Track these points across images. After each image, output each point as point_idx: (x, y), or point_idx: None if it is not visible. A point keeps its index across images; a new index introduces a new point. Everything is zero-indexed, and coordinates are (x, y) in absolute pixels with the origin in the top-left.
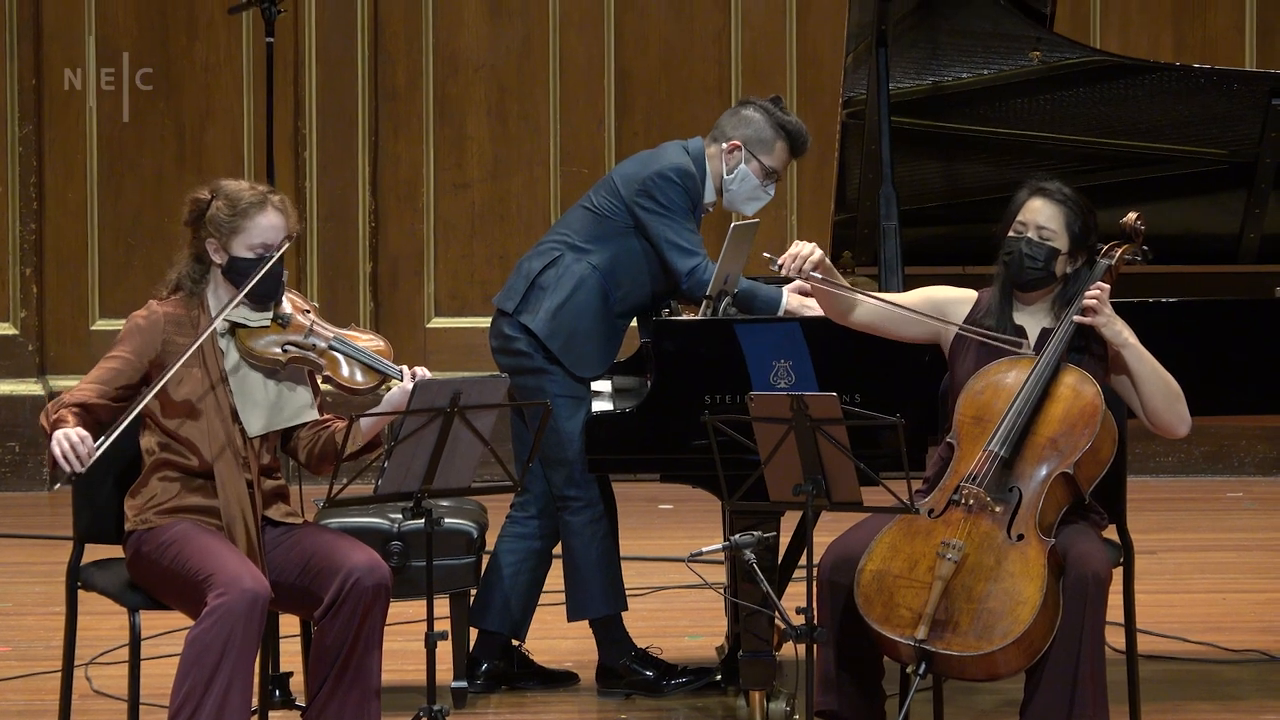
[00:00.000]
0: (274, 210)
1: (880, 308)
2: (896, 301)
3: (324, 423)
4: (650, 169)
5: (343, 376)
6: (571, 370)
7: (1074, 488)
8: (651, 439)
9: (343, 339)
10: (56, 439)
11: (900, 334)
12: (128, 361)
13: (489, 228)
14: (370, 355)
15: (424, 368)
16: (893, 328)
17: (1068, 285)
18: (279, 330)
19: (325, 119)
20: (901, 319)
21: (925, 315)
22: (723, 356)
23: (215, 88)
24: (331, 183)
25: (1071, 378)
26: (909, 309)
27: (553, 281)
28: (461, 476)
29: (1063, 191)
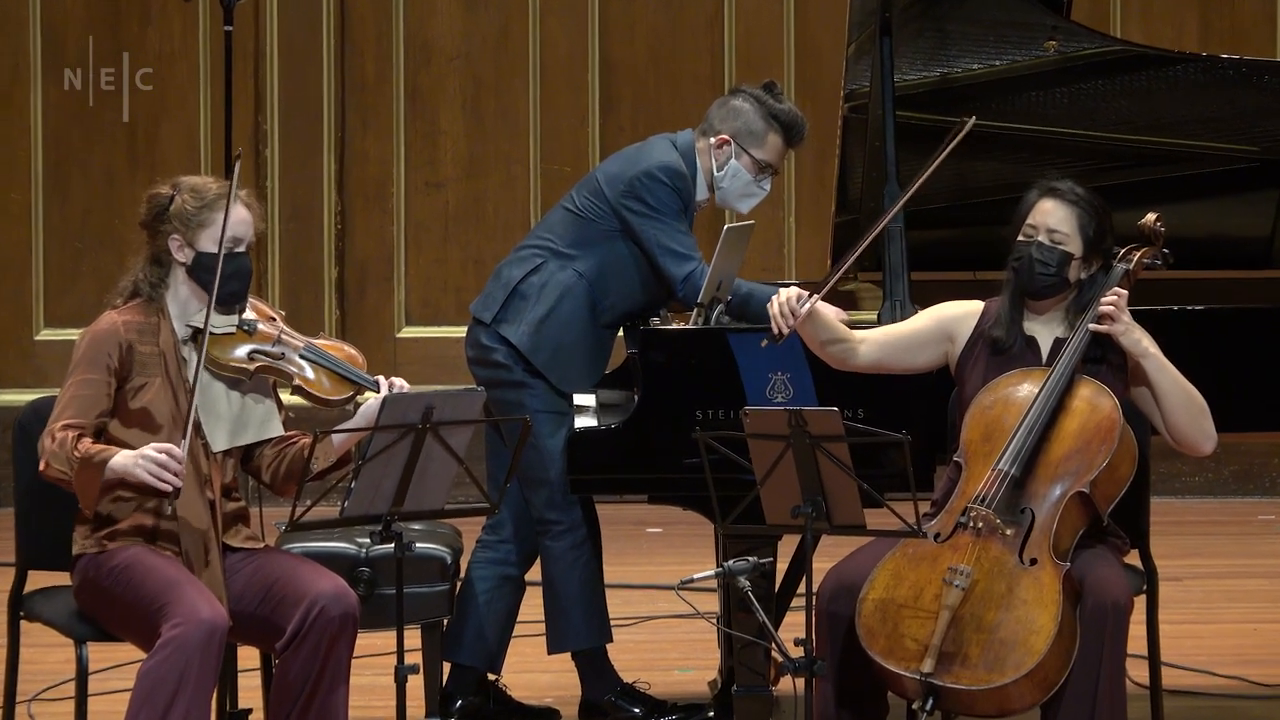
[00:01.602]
0: (241, 204)
1: (884, 341)
2: (897, 330)
3: (289, 439)
4: (637, 168)
5: (316, 387)
6: (557, 386)
7: (1091, 509)
8: (638, 457)
9: (314, 347)
10: (143, 468)
11: (911, 365)
12: (98, 385)
13: (464, 230)
14: (344, 364)
15: (401, 378)
16: (901, 360)
17: (1082, 292)
18: (246, 338)
19: (288, 113)
20: (908, 347)
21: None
22: (715, 369)
23: (170, 80)
24: (294, 182)
25: (1087, 390)
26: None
27: (535, 290)
28: (434, 498)
29: (1075, 192)
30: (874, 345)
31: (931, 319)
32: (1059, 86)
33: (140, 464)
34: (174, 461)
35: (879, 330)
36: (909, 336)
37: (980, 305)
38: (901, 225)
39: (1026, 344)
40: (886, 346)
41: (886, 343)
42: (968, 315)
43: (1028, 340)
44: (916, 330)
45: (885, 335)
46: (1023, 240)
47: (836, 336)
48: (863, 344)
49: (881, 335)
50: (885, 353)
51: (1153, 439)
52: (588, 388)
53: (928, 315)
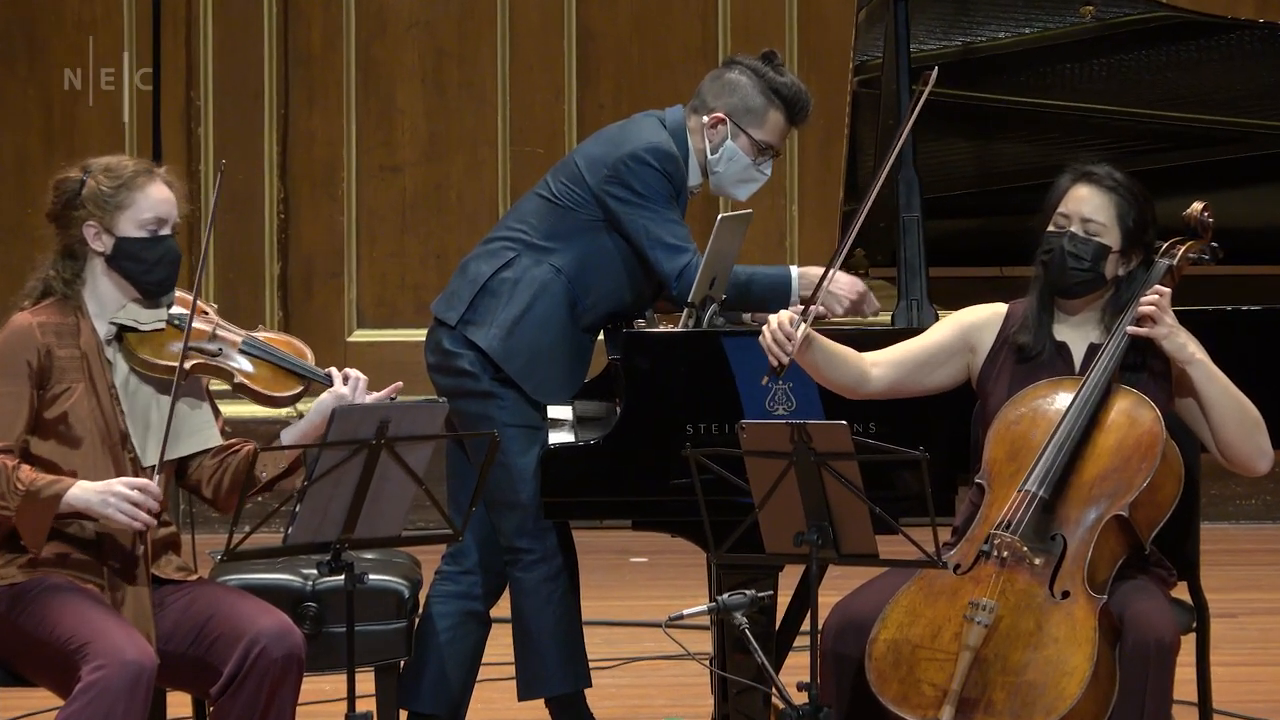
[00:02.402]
0: (163, 182)
1: (899, 361)
2: (912, 347)
3: (230, 447)
4: (621, 149)
5: (260, 383)
6: (532, 396)
7: (1131, 535)
8: (621, 477)
9: (255, 341)
10: (115, 507)
11: (932, 384)
12: (18, 398)
13: (424, 220)
14: (290, 358)
15: (357, 371)
16: (920, 379)
17: (1120, 290)
18: (176, 334)
19: (223, 88)
20: (927, 364)
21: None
22: (708, 377)
23: (91, 52)
24: (231, 165)
25: (1125, 402)
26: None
27: (507, 288)
28: (390, 523)
29: (1113, 177)
30: (888, 367)
31: (950, 329)
32: (1096, 58)
33: (111, 502)
34: (149, 499)
35: (891, 350)
36: (927, 352)
37: (1004, 309)
38: (918, 215)
39: (1056, 350)
40: (902, 367)
41: (902, 362)
42: (990, 321)
43: (1058, 346)
44: (934, 344)
45: (899, 354)
46: (1053, 231)
47: (842, 361)
48: (874, 367)
49: (895, 355)
50: (901, 374)
51: (1203, 457)
52: (565, 399)
53: (946, 325)
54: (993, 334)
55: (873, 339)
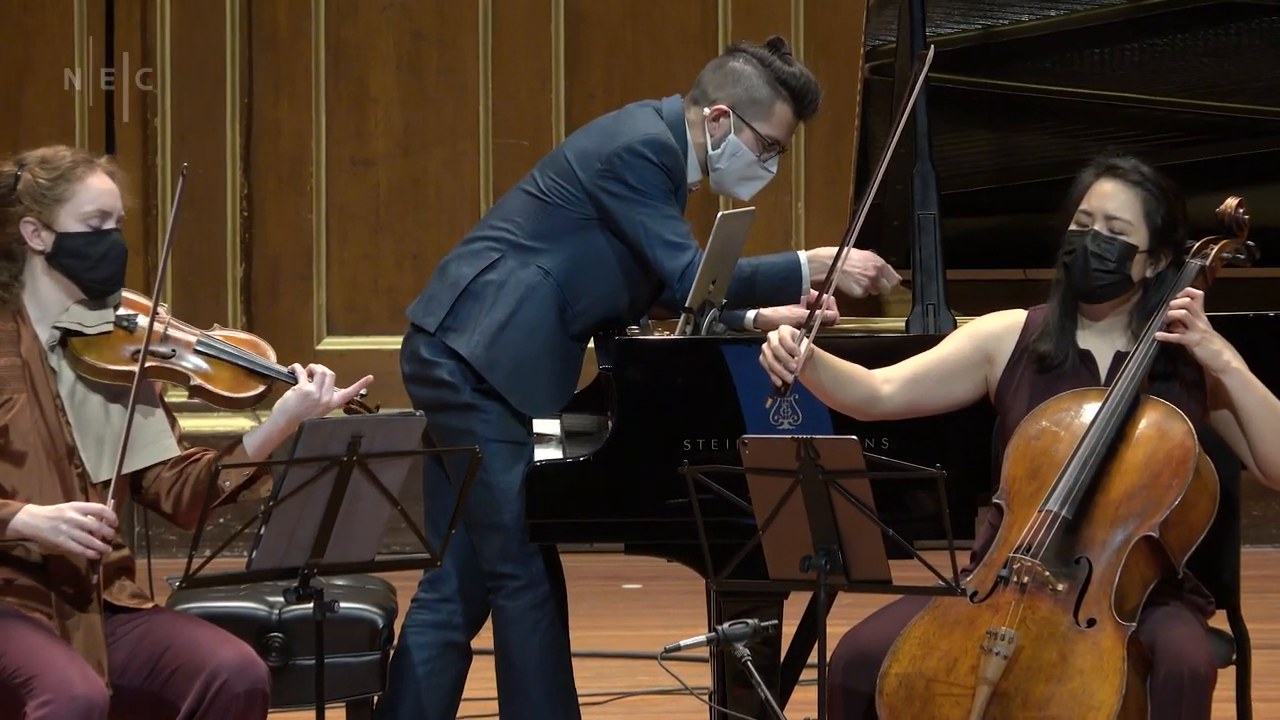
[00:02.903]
0: (104, 172)
1: (912, 377)
2: (926, 361)
3: (190, 456)
4: (616, 142)
5: (219, 384)
6: (517, 409)
7: (1162, 557)
8: (613, 497)
9: (211, 340)
10: (67, 534)
11: (949, 400)
12: None
13: (400, 218)
14: (250, 356)
15: (324, 367)
16: (937, 396)
17: (1148, 294)
18: (126, 336)
19: (183, 75)
20: (943, 379)
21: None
22: (707, 388)
23: (36, 34)
24: (191, 158)
25: (1154, 414)
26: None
27: (490, 292)
28: (362, 547)
29: (1140, 171)
30: (901, 385)
31: (965, 340)
32: (1128, 42)
33: (63, 529)
34: (105, 525)
35: (903, 366)
36: (942, 366)
37: (1022, 316)
38: (935, 213)
39: (1080, 359)
40: (916, 383)
41: (915, 378)
42: (1008, 329)
43: (1081, 354)
44: (949, 357)
45: (912, 370)
46: (1075, 230)
47: (850, 379)
48: (885, 384)
49: (908, 371)
50: (915, 391)
51: (1243, 475)
52: (552, 412)
53: (961, 336)
54: (1011, 343)
55: (887, 347)
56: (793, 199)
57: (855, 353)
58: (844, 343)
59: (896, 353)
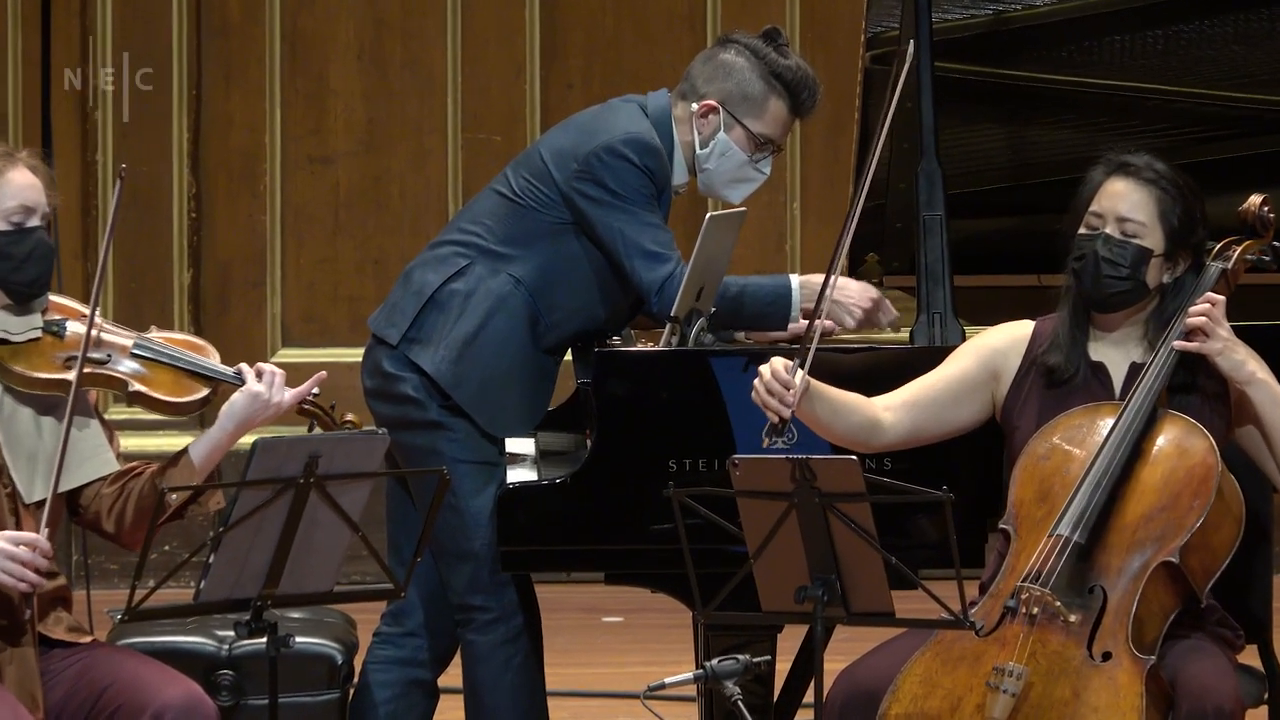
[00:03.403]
0: (25, 167)
1: (915, 401)
2: (929, 383)
3: (131, 471)
4: (595, 141)
5: (160, 389)
6: (484, 428)
7: (1183, 585)
8: (592, 522)
9: (148, 342)
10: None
11: (956, 424)
12: None
13: (361, 220)
14: (191, 357)
15: (273, 366)
16: (943, 420)
17: (1165, 300)
18: (56, 343)
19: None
20: (950, 401)
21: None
22: (694, 403)
23: None
24: (134, 156)
25: (1173, 430)
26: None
27: (458, 301)
28: (320, 576)
29: (1154, 168)
30: (903, 411)
31: (969, 356)
32: (1151, 29)
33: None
34: (38, 556)
35: (905, 391)
36: (946, 387)
37: (1029, 327)
38: (942, 214)
39: (1092, 372)
40: (919, 408)
41: (918, 403)
42: (1014, 343)
43: (1094, 367)
44: (954, 376)
45: (915, 394)
46: (1085, 234)
47: (848, 410)
48: (887, 412)
49: (910, 395)
50: (920, 417)
51: (1275, 497)
52: (525, 430)
53: (965, 353)
54: (1018, 357)
55: (888, 361)
56: (787, 200)
57: (854, 368)
58: (841, 357)
59: (899, 368)
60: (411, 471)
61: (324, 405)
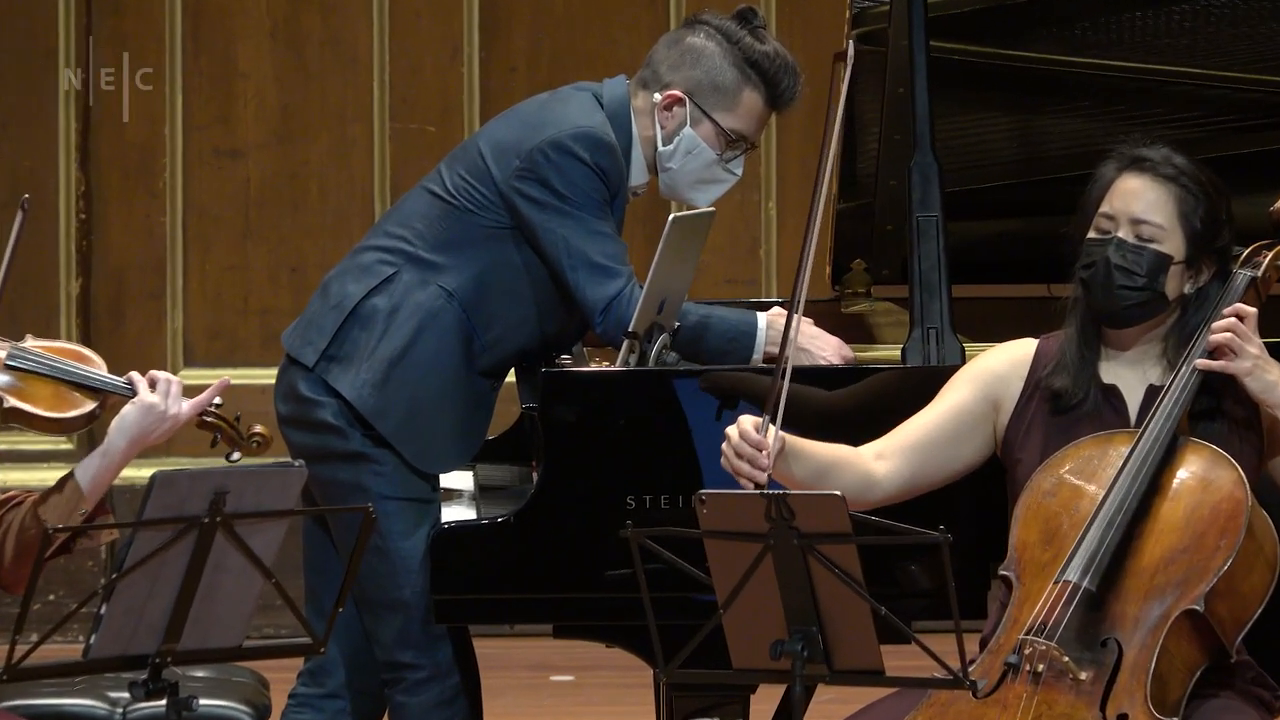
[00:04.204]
0: None
1: (911, 445)
2: (923, 423)
3: (9, 501)
4: (540, 134)
5: (38, 403)
6: (412, 462)
7: (1209, 637)
8: (538, 567)
9: (23, 352)
10: None
11: (958, 465)
12: None
13: (274, 222)
14: (74, 367)
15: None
16: (943, 462)
17: (1187, 313)
18: None
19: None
20: (950, 440)
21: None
22: (655, 431)
23: None
24: (14, 148)
25: (1196, 460)
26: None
27: (382, 316)
28: (227, 630)
29: (1173, 163)
30: (899, 458)
31: (967, 386)
32: (1178, 3)
33: None
34: None
35: (898, 434)
36: (945, 422)
37: (1031, 346)
38: (938, 215)
39: (1104, 396)
40: (917, 452)
41: (915, 446)
42: (1014, 365)
43: (1105, 390)
44: (952, 410)
45: (910, 437)
46: (1095, 239)
47: (835, 466)
48: (879, 461)
49: (904, 439)
50: (918, 462)
51: None
52: (460, 462)
53: (961, 382)
54: (1019, 382)
55: (876, 387)
56: (762, 198)
57: (836, 397)
58: (822, 380)
59: (889, 393)
60: (332, 509)
61: (228, 417)
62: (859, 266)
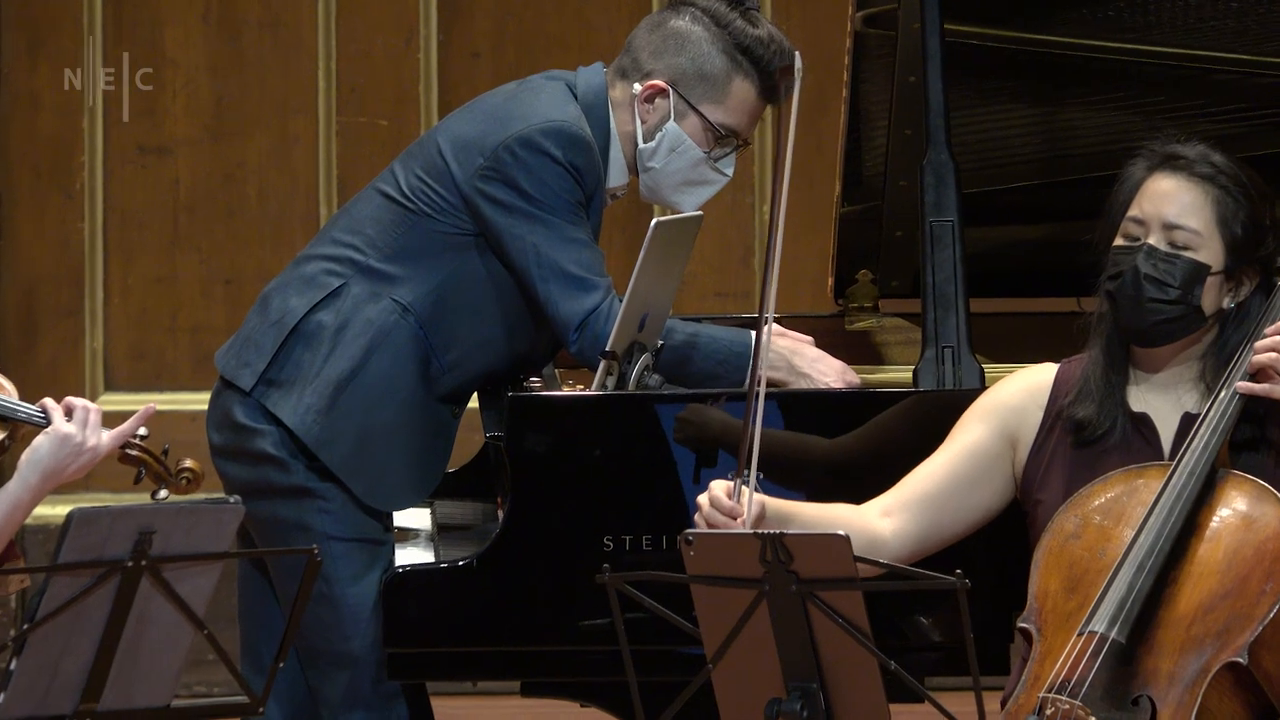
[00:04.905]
0: None
1: (921, 497)
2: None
3: None
4: (506, 130)
5: None
6: (362, 498)
7: (1254, 693)
8: (504, 617)
9: None
10: None
11: (977, 513)
12: None
13: (207, 228)
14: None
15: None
16: (960, 511)
17: (1226, 331)
18: None
19: None
20: (966, 485)
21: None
22: (636, 463)
23: None
24: None
25: (1238, 495)
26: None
27: (328, 334)
28: (154, 687)
29: (1210, 161)
30: (908, 513)
31: (980, 423)
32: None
33: None
34: None
35: (905, 486)
36: (958, 467)
37: (1050, 373)
38: (954, 220)
39: (1133, 426)
40: (930, 504)
41: (926, 497)
42: (1031, 395)
43: (1135, 419)
44: (965, 451)
45: (920, 488)
46: (1123, 246)
47: (831, 529)
48: (886, 519)
49: (913, 491)
50: (932, 515)
51: None
52: (416, 499)
53: (973, 419)
54: (1039, 411)
55: (887, 416)
56: (755, 201)
57: (832, 430)
58: (823, 407)
59: (899, 423)
60: (272, 551)
61: (154, 450)
62: (865, 278)
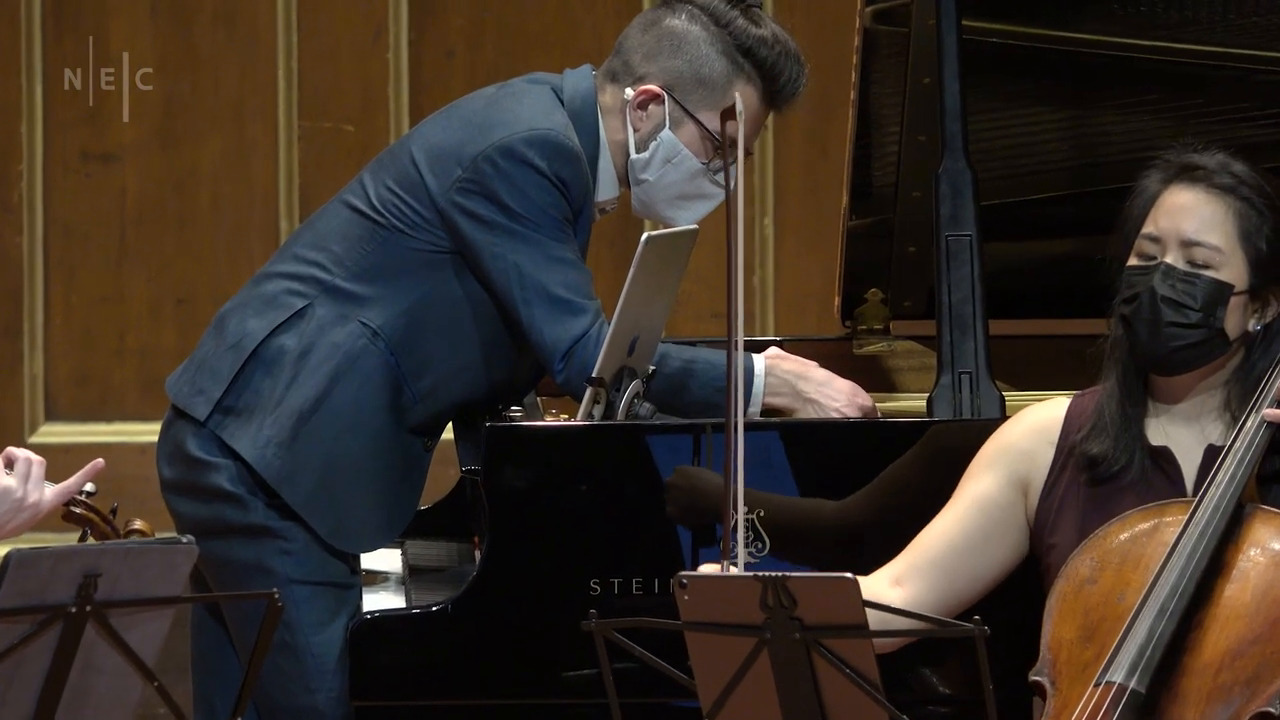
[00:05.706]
0: None
1: (932, 562)
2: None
3: None
4: (487, 138)
5: None
6: (326, 538)
7: None
8: (481, 667)
9: None
10: None
11: (991, 573)
12: None
13: (156, 243)
14: None
15: (29, 452)
16: (970, 574)
17: (1252, 356)
18: None
19: None
20: (981, 542)
21: None
22: (625, 499)
23: None
24: None
25: (1267, 532)
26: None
27: (290, 359)
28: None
29: (1231, 171)
30: (920, 579)
31: (988, 471)
32: None
33: None
34: None
35: (916, 549)
36: (969, 522)
37: (1061, 409)
38: (972, 235)
39: (1153, 461)
40: (943, 567)
41: (937, 562)
42: (1040, 434)
43: (1154, 454)
44: (975, 504)
45: (930, 551)
46: (1138, 266)
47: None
48: (898, 588)
49: (923, 555)
50: (947, 578)
51: None
52: (386, 539)
53: (981, 467)
54: (1050, 449)
55: (901, 448)
56: (757, 215)
57: (834, 452)
58: (833, 438)
59: (914, 460)
60: (229, 596)
61: (101, 509)
62: (875, 297)
